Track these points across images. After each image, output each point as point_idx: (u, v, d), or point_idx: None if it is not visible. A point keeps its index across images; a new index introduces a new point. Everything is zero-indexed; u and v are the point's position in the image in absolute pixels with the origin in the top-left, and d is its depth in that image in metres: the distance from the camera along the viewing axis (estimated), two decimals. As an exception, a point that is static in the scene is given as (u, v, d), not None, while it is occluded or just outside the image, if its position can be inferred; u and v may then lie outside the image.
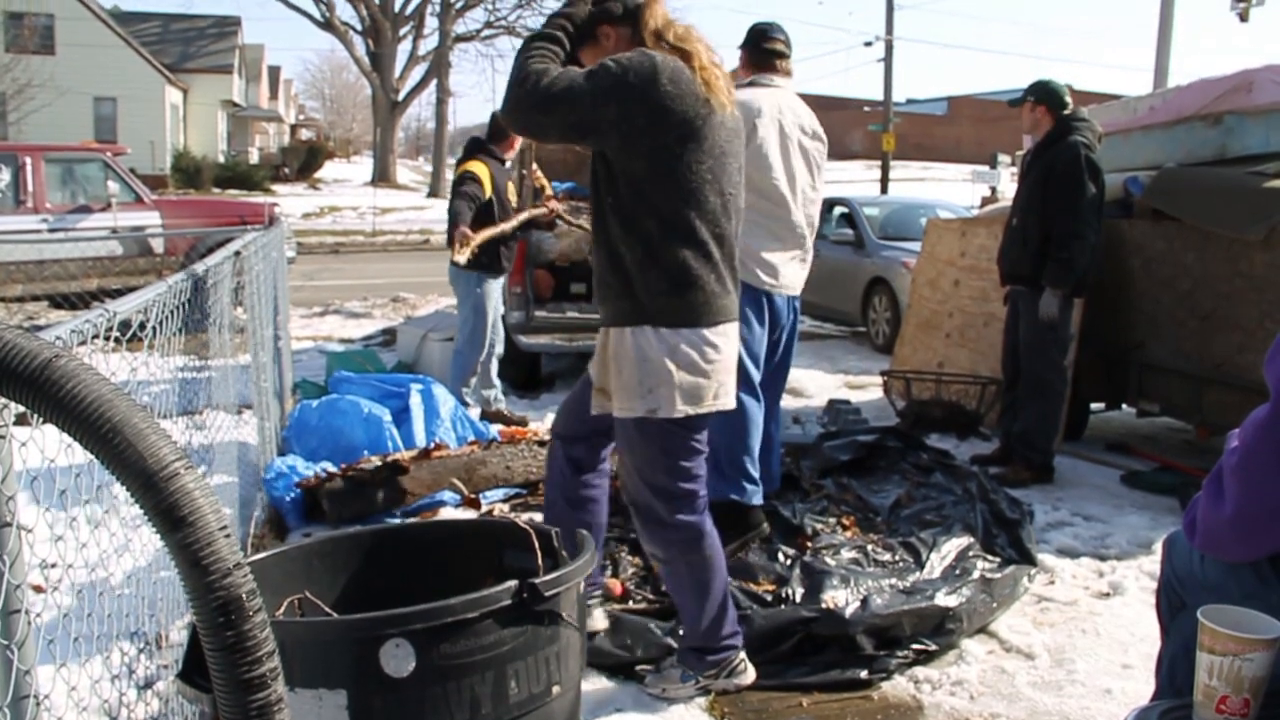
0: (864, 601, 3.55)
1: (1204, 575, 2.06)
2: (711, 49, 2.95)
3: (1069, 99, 5.58)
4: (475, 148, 6.57)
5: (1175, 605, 2.19)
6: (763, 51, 4.43)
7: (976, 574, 3.88)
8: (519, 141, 6.74)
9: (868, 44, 33.08)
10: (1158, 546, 3.89)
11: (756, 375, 4.31)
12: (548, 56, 2.82)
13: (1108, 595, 4.07)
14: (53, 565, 2.04)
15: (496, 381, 6.84)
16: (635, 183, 2.83)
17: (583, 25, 2.94)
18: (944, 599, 3.64)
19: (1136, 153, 6.41)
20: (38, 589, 2.84)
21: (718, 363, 2.91)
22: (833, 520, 4.51)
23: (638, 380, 2.86)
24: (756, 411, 4.31)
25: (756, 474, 4.30)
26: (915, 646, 3.49)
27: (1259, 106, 5.70)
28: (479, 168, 6.36)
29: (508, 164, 6.70)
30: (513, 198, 6.78)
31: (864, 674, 3.35)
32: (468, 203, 6.17)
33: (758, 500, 4.29)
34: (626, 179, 2.84)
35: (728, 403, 2.98)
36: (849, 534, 4.37)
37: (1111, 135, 6.15)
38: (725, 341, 2.94)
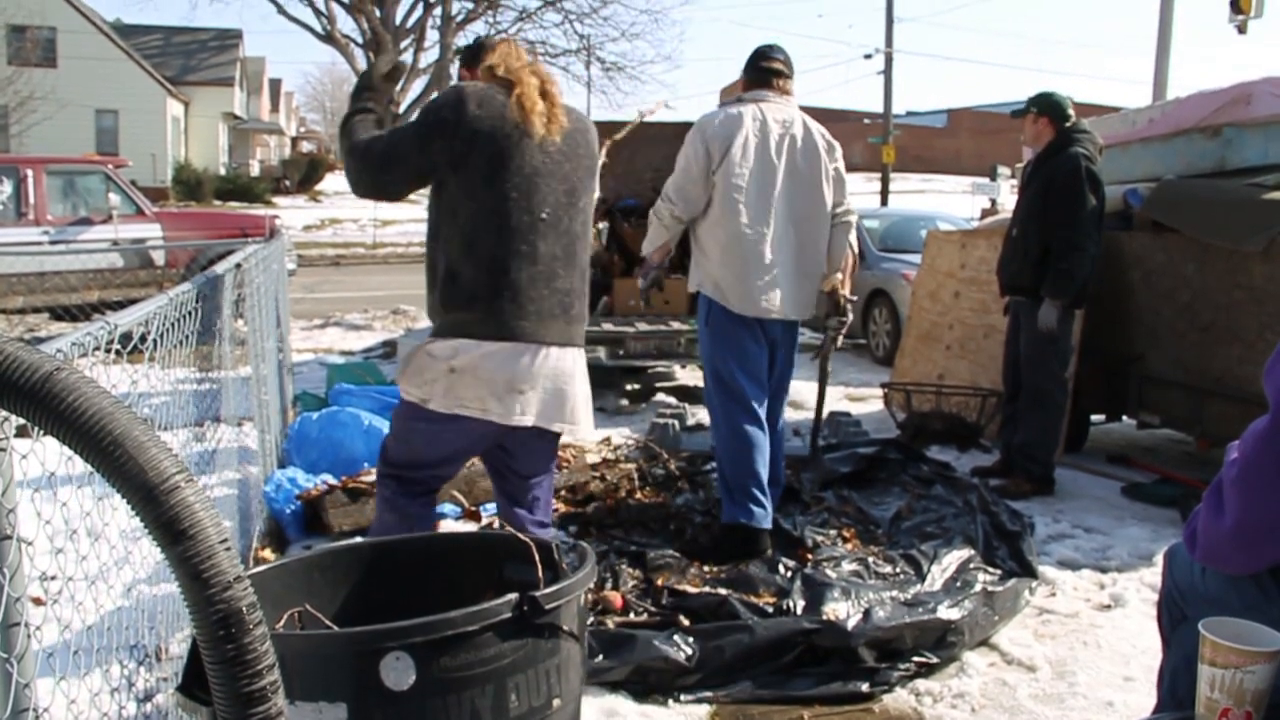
0: (866, 614, 3.55)
1: (1205, 587, 2.06)
2: (549, 81, 3.11)
3: (1072, 112, 5.59)
4: None
5: (1176, 617, 2.18)
6: (759, 70, 4.45)
7: (978, 587, 3.88)
8: None
9: (868, 56, 33.19)
10: (1159, 558, 3.89)
11: (756, 400, 4.30)
12: (368, 124, 3.11)
13: (1109, 607, 4.06)
14: (52, 577, 2.03)
15: None
16: (449, 202, 2.98)
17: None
18: (946, 612, 3.63)
19: (1136, 165, 6.43)
20: (37, 601, 2.84)
21: (460, 370, 2.92)
22: (833, 532, 4.50)
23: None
24: (761, 438, 4.30)
25: (765, 498, 4.28)
26: (917, 659, 3.48)
27: (1257, 119, 5.71)
28: None
29: None
30: None
31: (865, 687, 3.36)
32: None
33: (766, 524, 4.27)
34: (443, 198, 3.01)
35: (475, 411, 2.94)
36: (850, 546, 4.36)
37: (1111, 147, 6.16)
38: (470, 353, 2.92)
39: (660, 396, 8.04)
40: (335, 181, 49.09)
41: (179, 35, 43.75)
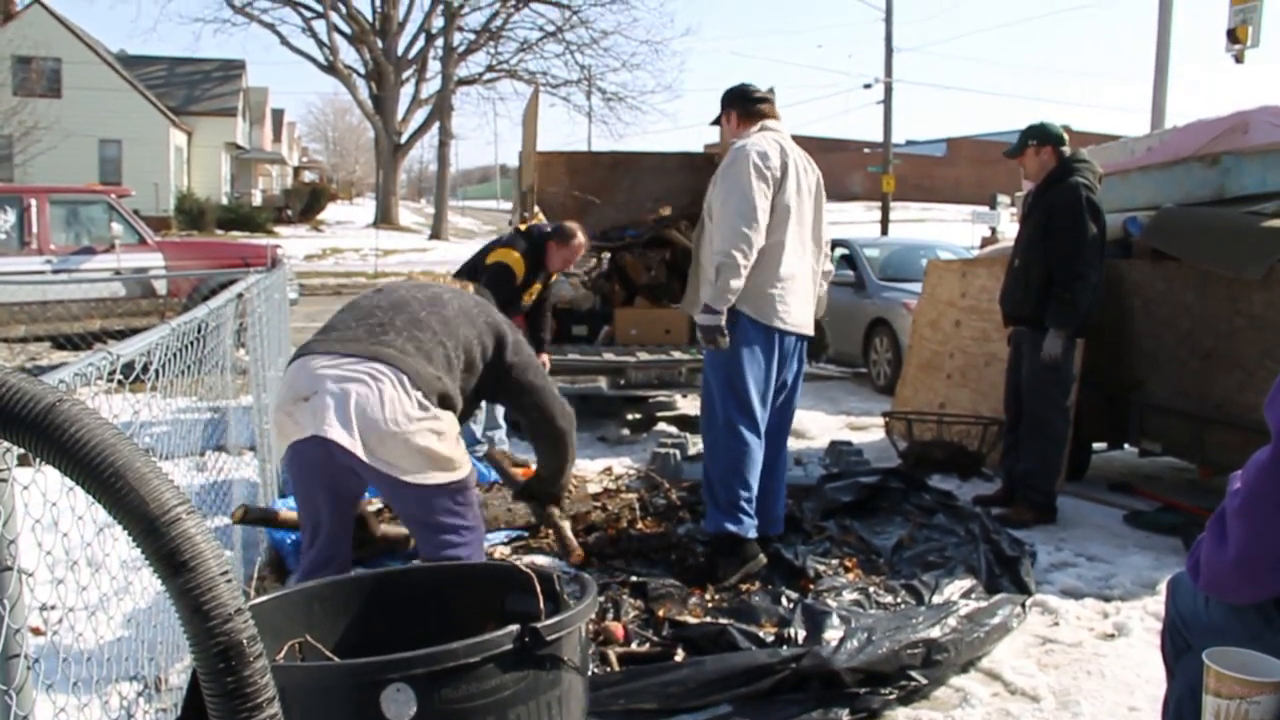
0: (844, 637, 3.53)
1: (1209, 617, 2.05)
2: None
3: (1065, 136, 5.63)
4: (532, 248, 6.27)
5: (1180, 647, 2.18)
6: (753, 102, 4.56)
7: (960, 605, 3.86)
8: (576, 260, 6.62)
9: (867, 86, 33.33)
10: (1162, 587, 3.87)
11: (759, 411, 4.35)
12: None
13: (1112, 636, 4.04)
14: (52, 608, 2.03)
15: (502, 422, 6.83)
16: None
17: None
18: (928, 630, 3.61)
19: (1135, 193, 6.45)
20: (36, 632, 2.83)
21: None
22: (835, 562, 4.49)
23: None
24: (756, 447, 4.35)
25: (752, 509, 4.34)
26: (903, 683, 3.45)
27: (1255, 147, 5.73)
28: (520, 267, 6.15)
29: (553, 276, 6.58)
30: (530, 296, 6.52)
31: (846, 714, 3.31)
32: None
33: (753, 534, 4.34)
34: None
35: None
36: (851, 576, 4.35)
37: (1110, 176, 6.18)
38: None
39: (661, 426, 8.04)
40: (337, 211, 49.34)
41: (183, 66, 44.04)
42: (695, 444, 7.32)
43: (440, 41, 40.43)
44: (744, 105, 4.57)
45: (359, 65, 40.60)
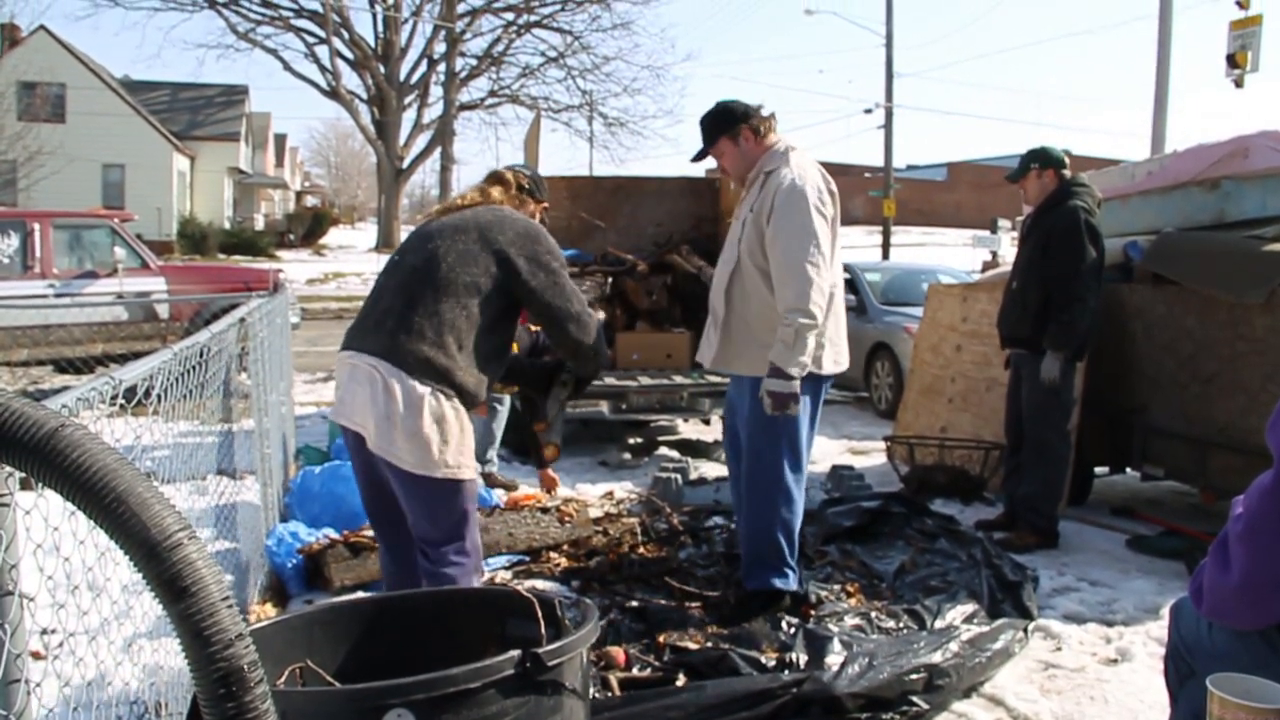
0: (845, 662, 3.51)
1: (1212, 643, 2.04)
2: (483, 183, 3.69)
3: (1067, 160, 5.66)
4: None
5: (1184, 673, 2.17)
6: (755, 112, 4.24)
7: (962, 630, 3.85)
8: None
9: (868, 111, 33.44)
10: (1165, 612, 3.85)
11: (806, 463, 4.21)
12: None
13: (1115, 662, 4.02)
14: (53, 631, 2.02)
15: (496, 444, 6.83)
16: None
17: None
18: (929, 655, 3.60)
19: (1135, 217, 6.46)
20: (37, 656, 2.82)
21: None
22: (837, 587, 4.48)
23: None
24: (803, 502, 4.25)
25: (796, 560, 4.24)
26: (904, 707, 3.44)
27: (1255, 171, 5.75)
28: None
29: None
30: None
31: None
32: None
33: (795, 585, 4.23)
34: None
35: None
36: (853, 601, 4.34)
37: (1110, 200, 6.20)
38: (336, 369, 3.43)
39: (663, 450, 8.03)
40: (339, 235, 49.48)
41: (186, 91, 44.25)
42: (696, 469, 7.32)
43: (442, 67, 40.63)
44: (750, 120, 4.22)
45: (361, 90, 40.80)
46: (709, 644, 3.77)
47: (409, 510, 3.30)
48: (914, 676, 3.50)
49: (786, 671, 3.50)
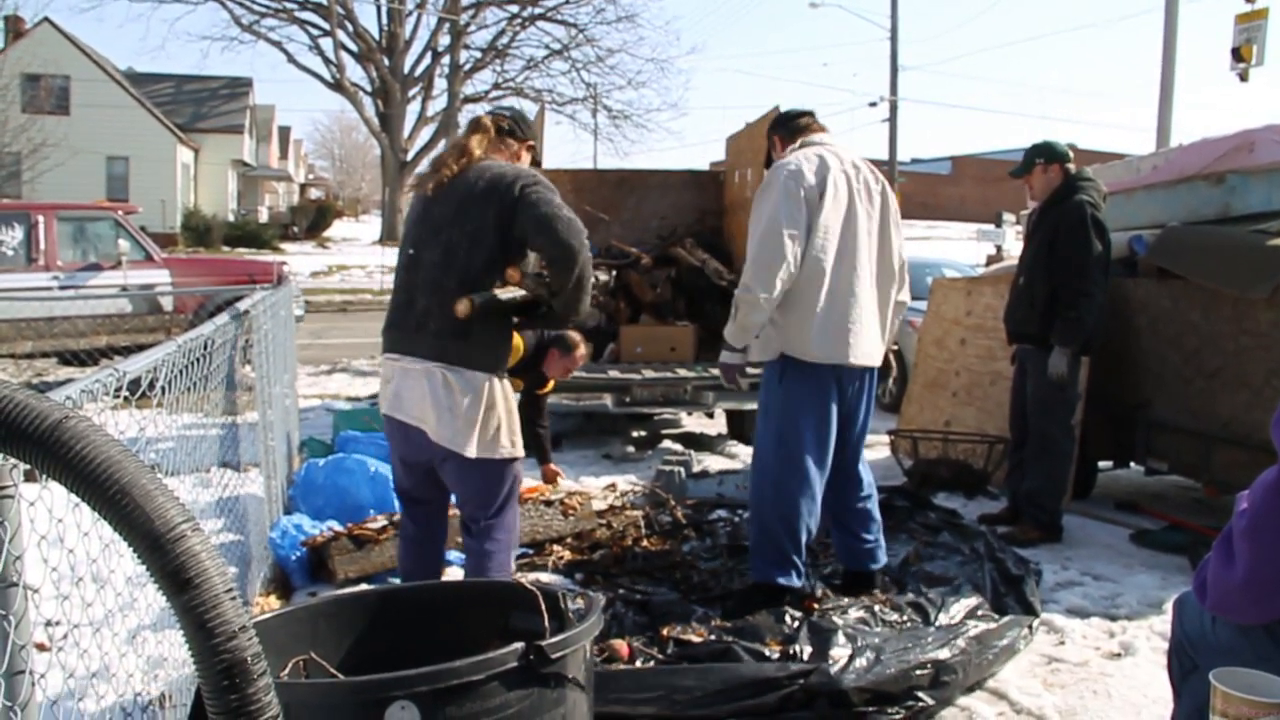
0: (852, 656, 3.51)
1: (1216, 637, 2.04)
2: (461, 137, 3.68)
3: (1071, 154, 5.64)
4: None
5: (1187, 667, 2.17)
6: (793, 118, 4.35)
7: (969, 626, 3.85)
8: None
9: (872, 105, 33.44)
10: (1168, 606, 3.85)
11: (816, 457, 4.12)
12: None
13: (1119, 656, 4.02)
14: (57, 623, 2.03)
15: None
16: None
17: None
18: (936, 651, 3.60)
19: (1140, 212, 6.44)
20: (41, 647, 2.83)
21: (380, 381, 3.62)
22: (840, 581, 4.48)
23: None
24: (808, 499, 4.13)
25: (803, 558, 4.17)
26: (910, 703, 3.44)
27: (1261, 166, 5.73)
28: None
29: None
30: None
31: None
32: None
33: (798, 582, 4.18)
34: None
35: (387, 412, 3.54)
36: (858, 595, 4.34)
37: (1115, 194, 6.19)
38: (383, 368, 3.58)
39: (666, 444, 8.03)
40: (343, 228, 49.47)
41: (190, 83, 44.25)
42: (700, 461, 7.32)
43: (447, 59, 40.59)
44: (784, 127, 4.34)
45: (365, 83, 40.75)
46: (712, 637, 3.77)
47: (463, 492, 3.55)
48: (920, 672, 3.50)
49: (793, 663, 3.50)
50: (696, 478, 6.70)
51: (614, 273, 8.44)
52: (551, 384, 6.48)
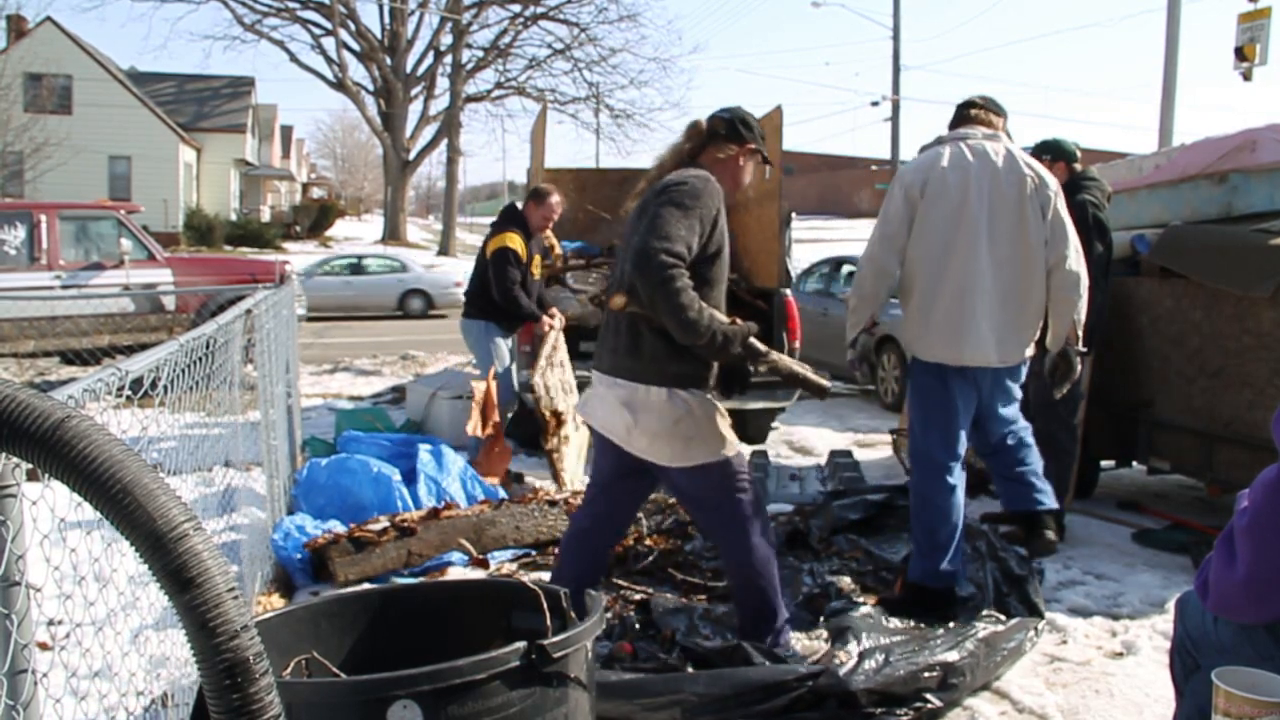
0: (861, 657, 3.51)
1: (1217, 636, 2.04)
2: (667, 150, 3.68)
3: (1078, 153, 5.65)
4: (512, 219, 6.62)
5: (1189, 666, 2.17)
6: (958, 110, 4.37)
7: (978, 628, 3.85)
8: (555, 216, 6.84)
9: (874, 104, 33.44)
10: (1171, 605, 3.85)
11: (950, 457, 4.14)
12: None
13: (1121, 655, 4.02)
14: (59, 622, 2.03)
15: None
16: None
17: None
18: (945, 654, 3.59)
19: (1143, 211, 6.44)
20: (44, 646, 2.83)
21: None
22: (846, 579, 4.49)
23: None
24: (949, 500, 4.14)
25: (946, 557, 4.14)
26: (918, 704, 3.44)
27: (1263, 165, 5.73)
28: (519, 243, 6.48)
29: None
30: (536, 270, 6.85)
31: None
32: (516, 285, 6.32)
33: (946, 583, 4.16)
34: None
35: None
36: (864, 598, 4.34)
37: (1118, 194, 6.18)
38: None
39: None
40: (345, 227, 49.50)
41: (192, 83, 44.29)
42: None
43: (449, 59, 40.63)
44: (954, 114, 4.37)
45: (368, 82, 40.79)
46: (717, 640, 3.76)
47: (678, 496, 3.75)
48: (929, 674, 3.49)
49: (801, 666, 3.50)
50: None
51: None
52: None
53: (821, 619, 3.94)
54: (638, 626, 3.96)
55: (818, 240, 29.03)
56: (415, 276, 22.17)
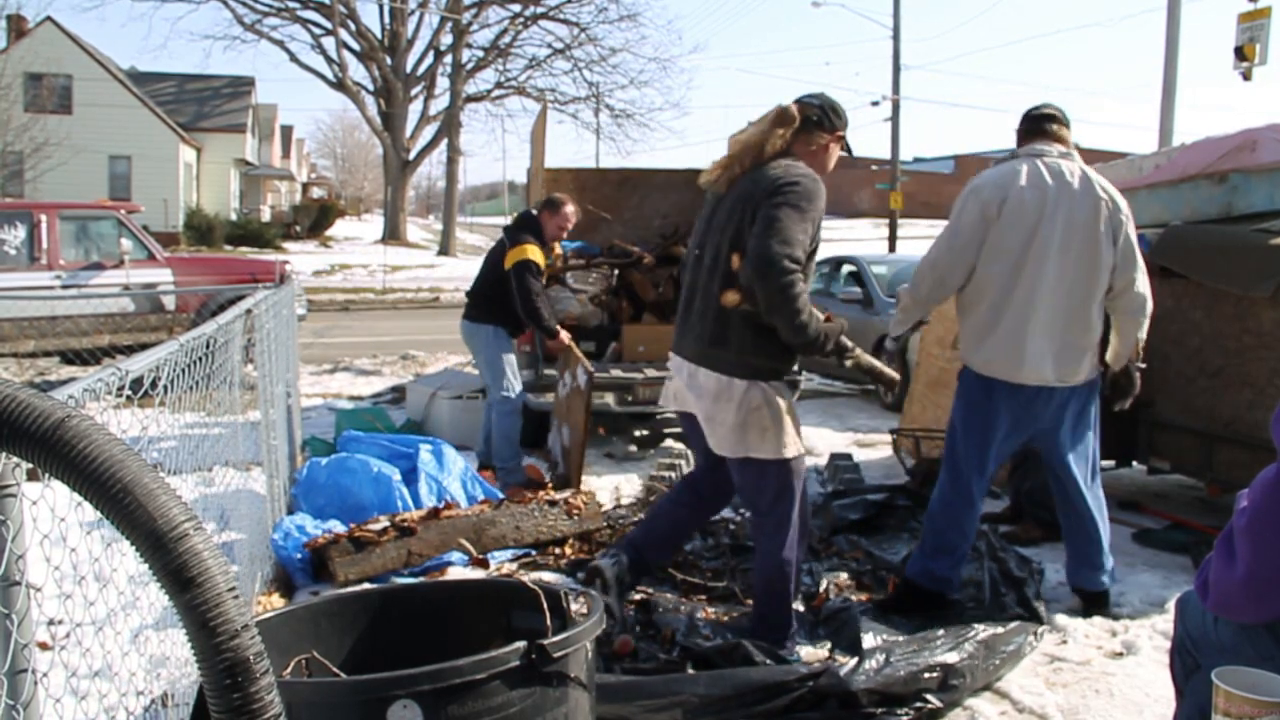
0: (862, 657, 3.52)
1: (1217, 636, 2.04)
2: (742, 133, 3.72)
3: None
4: (529, 228, 6.59)
5: (1190, 666, 2.17)
6: (1031, 120, 4.29)
7: (978, 630, 3.85)
8: (570, 226, 6.87)
9: (875, 104, 33.38)
10: (1171, 605, 3.85)
11: (979, 472, 4.18)
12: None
13: (1121, 655, 4.02)
14: (59, 622, 2.03)
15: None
16: None
17: None
18: (945, 655, 3.59)
19: (1142, 211, 6.43)
20: (44, 646, 2.83)
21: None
22: (845, 576, 4.49)
23: None
24: (958, 505, 4.19)
25: (949, 563, 4.19)
26: (918, 705, 3.44)
27: (1263, 165, 5.72)
28: (538, 254, 6.48)
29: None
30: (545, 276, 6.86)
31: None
32: (540, 298, 6.36)
33: (941, 589, 4.20)
34: None
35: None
36: (863, 597, 4.34)
37: (1118, 194, 6.17)
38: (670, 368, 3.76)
39: (669, 443, 8.02)
40: (345, 227, 49.49)
41: (192, 82, 44.29)
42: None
43: (449, 59, 40.60)
44: (1023, 123, 4.32)
45: (368, 82, 40.77)
46: (717, 639, 3.76)
47: (738, 483, 3.74)
48: (929, 675, 3.50)
49: (801, 666, 3.50)
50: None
51: (616, 272, 8.45)
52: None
53: (821, 619, 3.93)
54: (638, 627, 3.96)
55: (818, 240, 28.97)
56: None
